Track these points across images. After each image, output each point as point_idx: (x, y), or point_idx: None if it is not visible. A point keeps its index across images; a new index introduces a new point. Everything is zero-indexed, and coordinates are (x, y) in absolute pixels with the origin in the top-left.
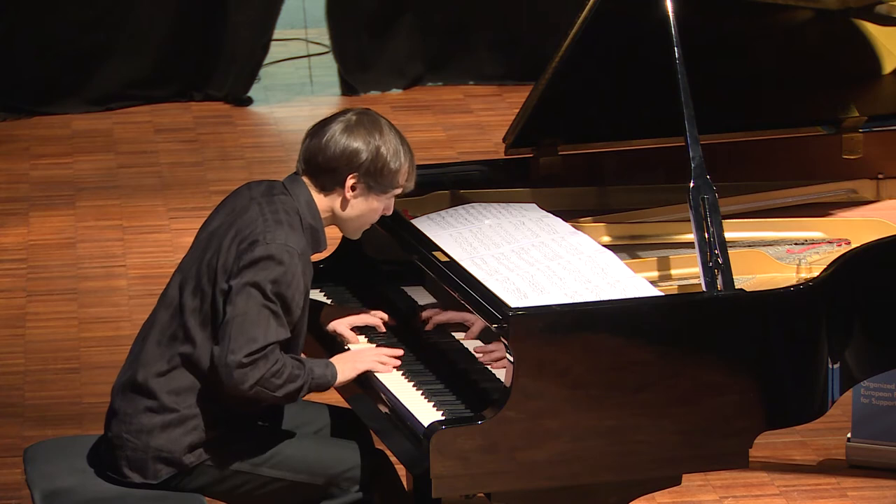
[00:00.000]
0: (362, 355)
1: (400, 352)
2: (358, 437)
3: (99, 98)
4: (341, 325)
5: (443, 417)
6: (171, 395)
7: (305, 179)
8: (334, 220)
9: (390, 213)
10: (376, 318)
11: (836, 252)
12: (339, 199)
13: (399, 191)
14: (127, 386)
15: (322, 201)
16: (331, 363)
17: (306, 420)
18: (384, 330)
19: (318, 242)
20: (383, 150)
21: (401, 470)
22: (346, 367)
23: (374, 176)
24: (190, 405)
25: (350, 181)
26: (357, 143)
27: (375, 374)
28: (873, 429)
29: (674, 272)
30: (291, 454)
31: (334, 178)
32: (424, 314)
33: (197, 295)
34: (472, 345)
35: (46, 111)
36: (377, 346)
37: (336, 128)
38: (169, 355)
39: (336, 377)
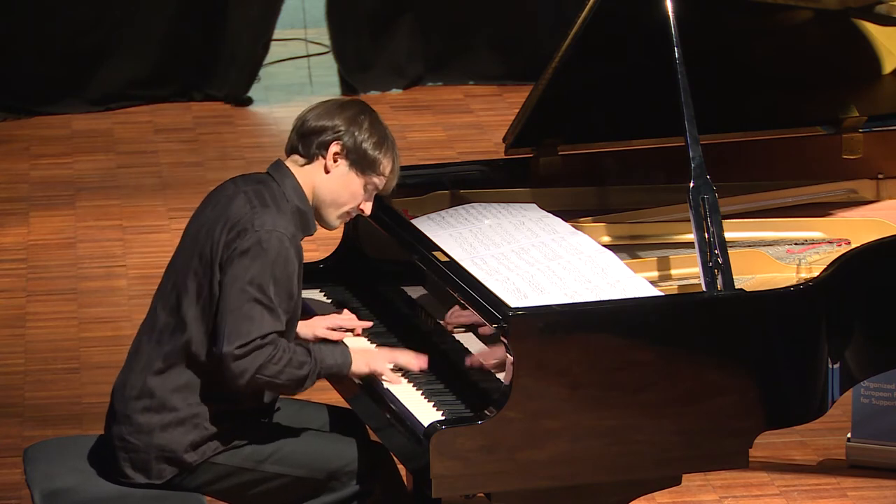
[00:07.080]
0: (378, 356)
1: (424, 358)
2: (357, 433)
3: (99, 98)
4: (319, 330)
5: (443, 417)
6: (170, 393)
7: (291, 158)
8: (315, 200)
9: (368, 212)
10: (353, 320)
11: (836, 252)
12: (321, 168)
13: (380, 181)
14: (126, 387)
15: (305, 177)
16: (347, 353)
17: (306, 419)
18: (360, 334)
19: (307, 225)
20: (369, 129)
21: (402, 469)
22: (360, 361)
23: (357, 151)
24: (190, 403)
25: (334, 147)
26: (347, 113)
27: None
28: (873, 429)
29: (674, 272)
30: (293, 450)
31: (320, 139)
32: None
33: (192, 289)
34: (472, 346)
35: (46, 111)
36: (380, 345)
37: (331, 101)
38: (165, 353)
39: (350, 367)
